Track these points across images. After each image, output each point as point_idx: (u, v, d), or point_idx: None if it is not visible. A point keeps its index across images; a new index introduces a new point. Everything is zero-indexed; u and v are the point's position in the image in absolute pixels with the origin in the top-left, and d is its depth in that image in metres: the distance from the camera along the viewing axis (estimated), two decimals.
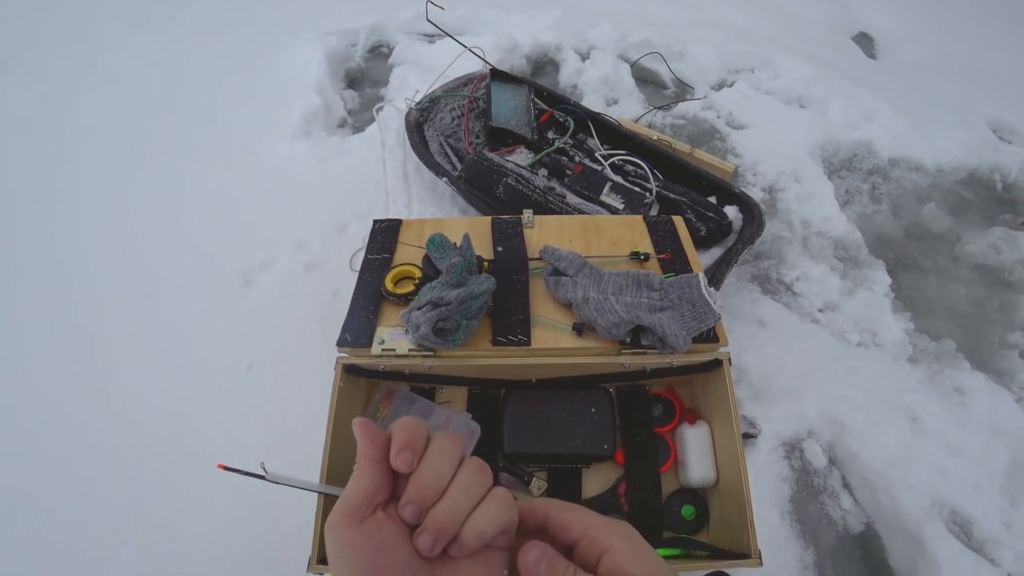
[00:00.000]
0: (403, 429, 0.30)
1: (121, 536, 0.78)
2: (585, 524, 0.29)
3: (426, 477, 0.29)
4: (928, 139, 1.32)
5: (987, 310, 1.11)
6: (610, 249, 0.68)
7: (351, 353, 0.64)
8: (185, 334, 0.97)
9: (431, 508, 0.29)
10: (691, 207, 0.96)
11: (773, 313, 0.99)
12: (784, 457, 0.87)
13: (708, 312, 0.57)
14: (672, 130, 1.32)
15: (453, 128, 1.15)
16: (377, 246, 0.73)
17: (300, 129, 1.31)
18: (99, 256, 1.07)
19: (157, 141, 1.29)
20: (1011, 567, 0.80)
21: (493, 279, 0.61)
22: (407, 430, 0.30)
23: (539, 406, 0.64)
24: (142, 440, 0.86)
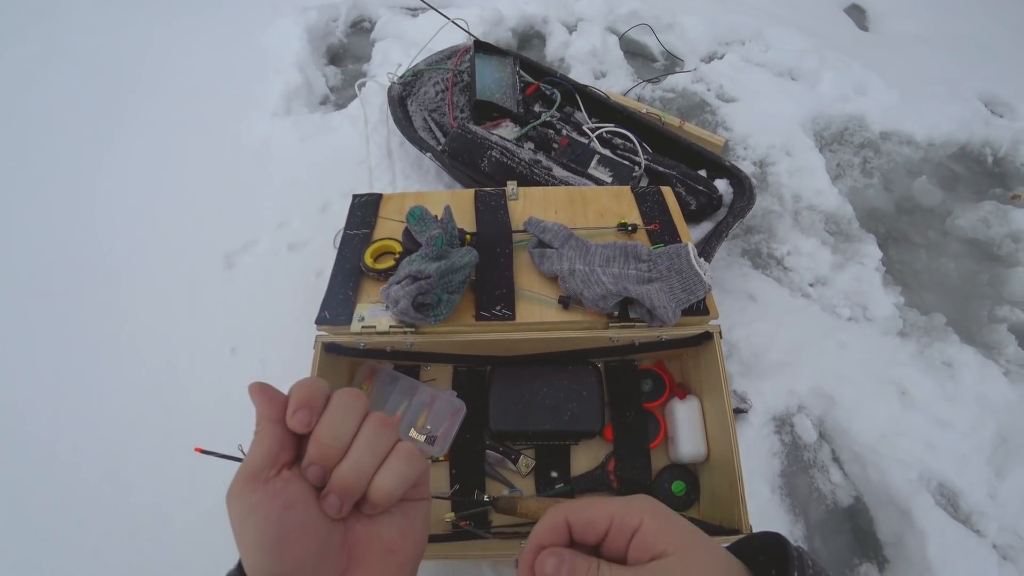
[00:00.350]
0: (299, 388, 0.29)
1: (108, 521, 0.77)
2: (609, 512, 0.27)
3: (325, 436, 0.28)
4: (920, 112, 1.31)
5: (976, 284, 1.11)
6: (597, 221, 0.66)
7: (330, 331, 0.62)
8: (168, 317, 0.95)
9: (335, 468, 0.28)
10: (681, 181, 0.94)
11: (764, 288, 0.97)
12: (775, 432, 0.87)
13: (698, 283, 0.55)
14: (661, 103, 1.29)
15: (437, 102, 1.12)
16: (357, 221, 0.70)
17: (281, 107, 1.27)
18: (77, 242, 1.05)
19: (133, 122, 1.25)
20: (995, 537, 0.80)
21: (475, 252, 0.58)
22: (303, 388, 0.29)
23: (526, 383, 0.62)
24: (125, 425, 0.84)
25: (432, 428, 0.62)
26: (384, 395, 0.65)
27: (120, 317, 0.95)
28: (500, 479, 0.64)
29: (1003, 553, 0.79)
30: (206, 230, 1.06)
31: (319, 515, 0.28)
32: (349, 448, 0.29)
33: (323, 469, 0.28)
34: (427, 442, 0.61)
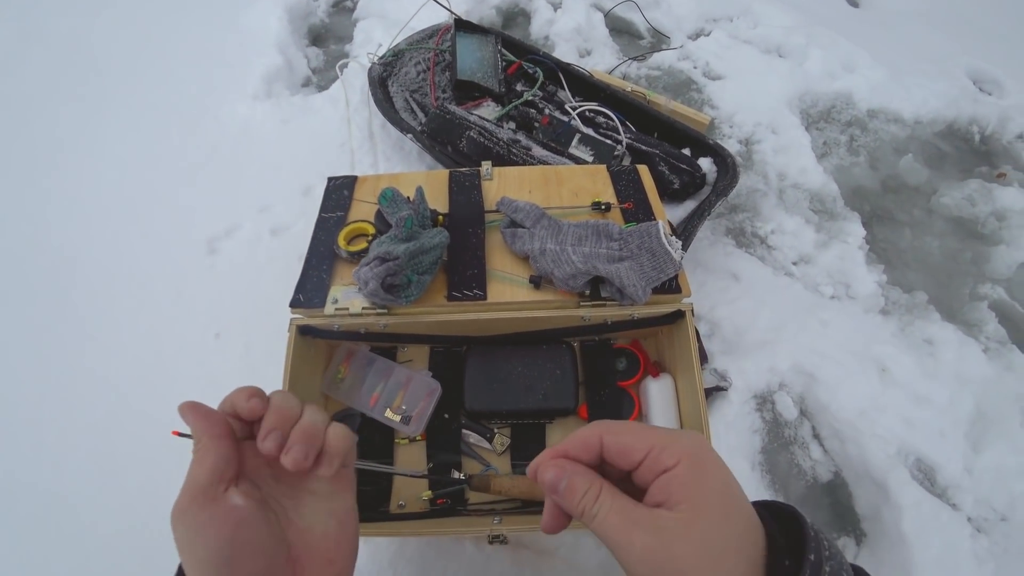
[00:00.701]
0: (238, 391, 0.32)
1: (98, 506, 0.78)
2: (649, 442, 0.26)
3: (281, 406, 0.30)
4: (908, 90, 1.29)
5: (959, 262, 1.11)
6: (571, 200, 0.65)
7: (305, 314, 0.61)
8: (151, 304, 0.95)
9: (293, 428, 0.30)
10: (664, 159, 0.93)
11: (747, 266, 0.97)
12: (756, 409, 0.87)
13: (668, 262, 0.55)
14: (647, 81, 1.28)
15: (419, 83, 1.10)
16: (331, 204, 0.70)
17: (261, 89, 1.25)
18: (57, 229, 1.04)
19: (111, 107, 1.23)
20: (970, 510, 0.82)
21: (446, 232, 0.58)
22: (242, 390, 0.32)
23: (501, 362, 0.63)
24: (112, 411, 0.85)
25: (408, 408, 0.62)
26: (361, 377, 0.65)
27: (104, 304, 0.95)
28: (476, 457, 0.64)
29: (977, 525, 0.81)
30: (187, 215, 1.05)
31: (268, 532, 0.29)
32: (300, 415, 0.31)
33: (282, 434, 0.29)
34: (403, 422, 0.62)
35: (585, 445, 0.27)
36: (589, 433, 0.27)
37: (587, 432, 0.27)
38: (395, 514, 0.62)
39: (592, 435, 0.27)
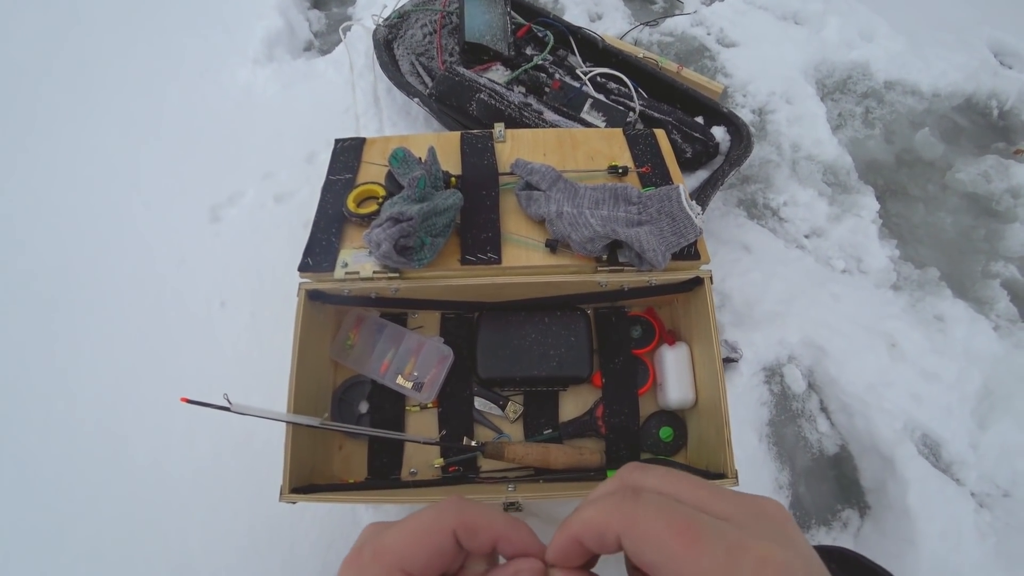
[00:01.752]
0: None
1: (106, 477, 0.79)
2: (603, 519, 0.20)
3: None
4: (927, 61, 1.26)
5: (972, 239, 1.10)
6: (587, 163, 0.63)
7: (314, 278, 0.60)
8: (155, 274, 0.94)
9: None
10: (677, 127, 0.91)
11: (758, 238, 0.96)
12: (764, 382, 0.87)
13: (689, 226, 0.53)
14: (659, 48, 1.24)
15: (425, 46, 1.06)
16: (339, 166, 0.68)
17: (262, 53, 1.22)
18: (57, 200, 1.03)
19: (108, 75, 1.20)
20: (974, 486, 0.82)
21: (460, 194, 0.56)
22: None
23: (514, 328, 0.62)
24: (118, 380, 0.85)
25: (419, 375, 0.61)
26: (371, 343, 0.64)
27: (106, 273, 0.94)
28: (488, 425, 0.64)
29: (980, 501, 0.81)
30: (190, 183, 1.04)
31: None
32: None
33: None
34: (414, 388, 0.61)
35: (566, 552, 0.23)
36: (604, 523, 0.21)
37: (602, 520, 0.21)
38: (407, 481, 0.61)
39: (607, 529, 0.21)
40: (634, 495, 0.21)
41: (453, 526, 0.23)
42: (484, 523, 0.23)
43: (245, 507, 0.77)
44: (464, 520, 0.23)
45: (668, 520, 0.19)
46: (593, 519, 0.21)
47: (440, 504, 0.24)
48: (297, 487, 0.55)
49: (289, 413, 0.56)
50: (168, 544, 0.75)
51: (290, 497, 0.54)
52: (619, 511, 0.20)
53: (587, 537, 0.21)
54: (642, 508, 0.20)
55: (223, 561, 0.74)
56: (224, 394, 0.50)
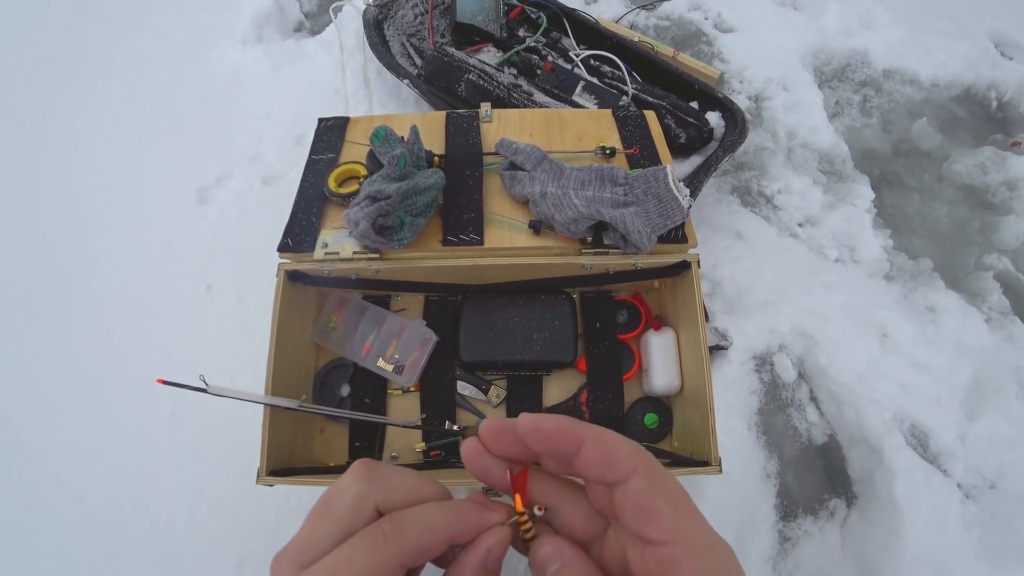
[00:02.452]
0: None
1: (91, 460, 0.78)
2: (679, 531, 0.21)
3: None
4: (926, 50, 1.24)
5: (967, 231, 1.09)
6: (574, 144, 0.62)
7: (294, 259, 0.59)
8: (141, 256, 0.93)
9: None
10: (671, 112, 0.89)
11: (751, 226, 0.95)
12: (754, 370, 0.86)
13: (676, 208, 0.52)
14: (655, 32, 1.22)
15: (416, 27, 1.04)
16: (322, 146, 0.67)
17: (251, 34, 1.20)
18: (43, 182, 1.01)
19: (94, 55, 1.18)
20: (961, 477, 0.82)
21: (442, 173, 0.55)
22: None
23: (497, 312, 0.61)
24: (103, 364, 0.84)
25: (401, 358, 0.61)
26: (353, 325, 0.63)
27: (92, 256, 0.93)
28: (471, 409, 0.63)
29: (966, 492, 0.81)
30: (176, 165, 1.03)
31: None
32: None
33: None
34: (395, 371, 0.60)
35: (570, 437, 0.22)
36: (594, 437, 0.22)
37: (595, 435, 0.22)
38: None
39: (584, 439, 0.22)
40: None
41: (400, 562, 0.21)
42: (430, 539, 0.22)
43: (230, 490, 0.76)
44: (408, 550, 0.21)
45: (682, 490, 0.21)
46: (615, 444, 0.22)
47: (373, 540, 0.21)
48: (275, 470, 0.54)
49: (267, 395, 0.55)
50: (154, 527, 0.75)
51: (267, 480, 0.53)
52: (642, 455, 0.22)
53: (595, 449, 0.22)
54: (664, 470, 0.22)
55: (208, 544, 0.74)
56: (200, 375, 0.49)
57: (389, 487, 0.23)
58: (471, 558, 0.22)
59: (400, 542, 0.21)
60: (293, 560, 0.21)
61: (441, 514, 0.22)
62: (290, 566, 0.21)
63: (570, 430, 0.22)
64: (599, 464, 0.21)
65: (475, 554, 0.22)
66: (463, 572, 0.22)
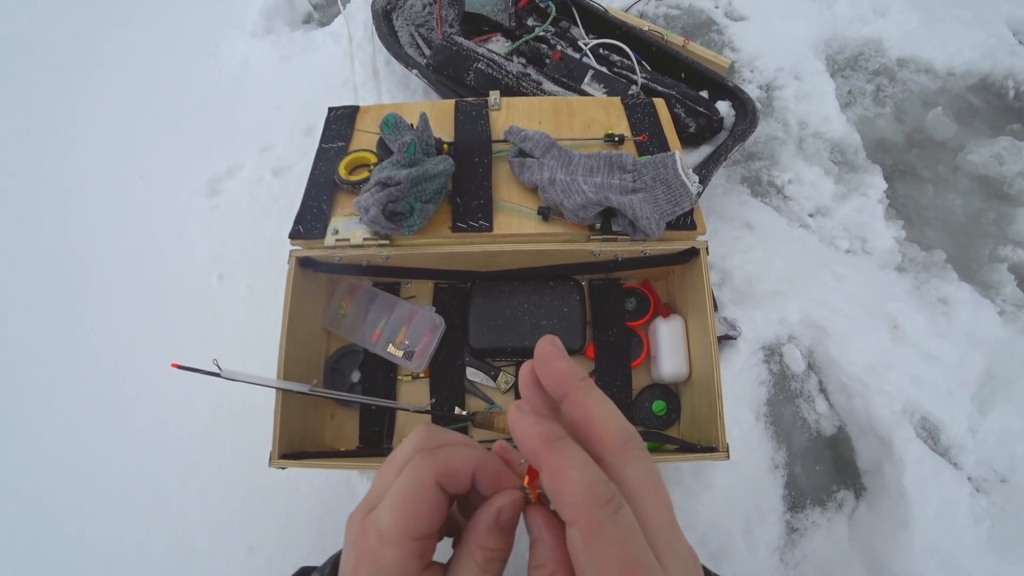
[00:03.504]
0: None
1: (105, 447, 0.80)
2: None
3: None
4: (942, 38, 1.22)
5: (981, 222, 1.07)
6: (583, 131, 0.62)
7: (304, 245, 0.60)
8: (152, 246, 0.94)
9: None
10: (680, 101, 0.88)
11: (762, 216, 0.94)
12: (763, 361, 0.86)
13: (684, 195, 0.52)
14: (665, 21, 1.21)
15: (425, 17, 1.04)
16: (332, 134, 0.67)
17: (260, 25, 1.21)
18: (52, 173, 1.03)
19: (105, 47, 1.19)
20: (971, 470, 0.81)
21: (451, 160, 0.55)
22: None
23: (506, 299, 0.61)
24: (118, 355, 0.86)
25: (411, 344, 0.61)
26: (363, 312, 0.64)
27: (104, 247, 0.94)
28: (480, 395, 0.64)
29: (977, 485, 0.80)
30: (187, 156, 1.04)
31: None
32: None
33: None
34: (405, 357, 0.61)
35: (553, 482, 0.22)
36: (570, 493, 0.21)
37: (573, 489, 0.21)
38: None
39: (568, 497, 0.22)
40: (614, 508, 0.21)
41: (435, 478, 0.23)
42: (459, 464, 0.24)
43: (242, 476, 0.77)
44: (441, 469, 0.23)
45: (623, 553, 0.20)
46: (567, 485, 0.21)
47: (412, 463, 0.24)
48: (287, 453, 0.55)
49: (278, 379, 0.56)
50: (167, 512, 0.76)
51: (279, 463, 0.54)
52: (590, 511, 0.20)
53: (547, 481, 0.22)
54: (613, 529, 0.20)
55: (220, 529, 0.75)
56: (214, 360, 0.50)
57: (443, 440, 0.25)
58: (484, 515, 0.24)
59: (432, 461, 0.24)
60: (362, 509, 0.24)
61: (468, 450, 0.25)
62: (360, 515, 0.24)
63: (533, 449, 0.22)
64: (549, 494, 0.22)
65: (487, 511, 0.24)
66: (477, 526, 0.24)
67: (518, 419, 0.23)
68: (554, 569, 0.22)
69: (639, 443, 0.24)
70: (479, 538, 0.23)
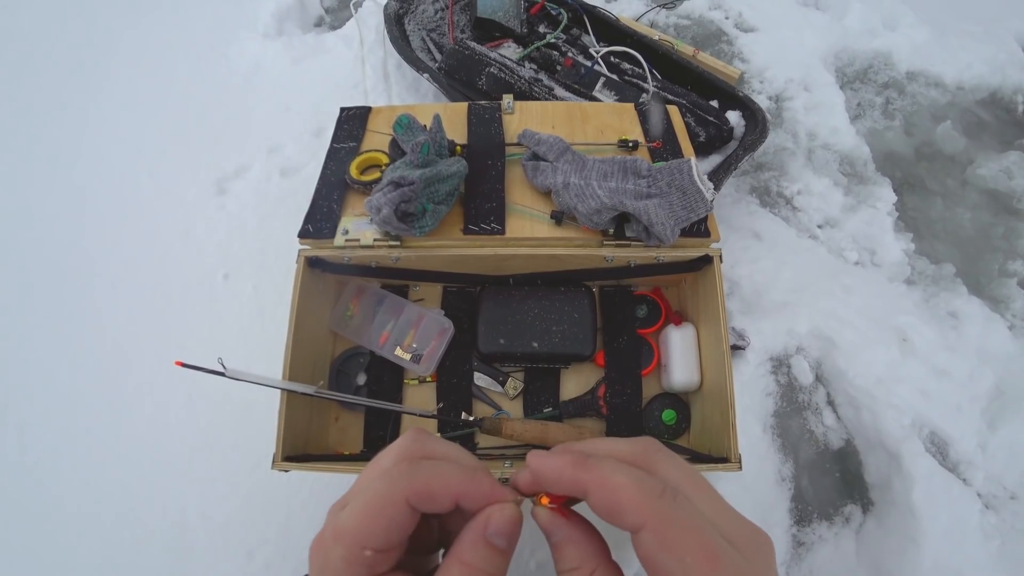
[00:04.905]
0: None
1: (106, 445, 0.79)
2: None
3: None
4: (951, 52, 1.22)
5: (991, 237, 1.07)
6: (596, 137, 0.62)
7: (314, 245, 0.59)
8: (159, 244, 0.94)
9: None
10: (691, 110, 0.88)
11: (770, 227, 0.94)
12: (771, 372, 0.85)
13: (700, 201, 0.52)
14: (675, 31, 1.21)
15: (436, 21, 1.05)
16: (344, 134, 0.67)
17: (272, 28, 1.21)
18: (62, 170, 1.03)
19: (116, 45, 1.20)
20: (980, 487, 0.80)
21: (464, 162, 0.55)
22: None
23: (516, 303, 0.60)
24: (120, 352, 0.85)
25: (418, 347, 0.60)
26: (371, 314, 0.63)
27: (111, 244, 0.94)
28: (487, 401, 0.63)
29: (986, 502, 0.79)
30: (196, 156, 1.04)
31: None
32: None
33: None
34: (413, 360, 0.60)
35: (609, 510, 0.21)
36: (631, 504, 0.20)
37: (630, 499, 0.20)
38: None
39: (631, 510, 0.20)
40: (672, 496, 0.20)
41: (404, 496, 0.21)
42: (438, 485, 0.22)
43: (243, 477, 0.77)
44: (416, 488, 0.22)
45: (700, 539, 0.19)
46: (620, 492, 0.20)
47: (389, 473, 0.22)
48: (290, 456, 0.54)
49: (284, 380, 0.56)
50: (166, 512, 0.75)
51: (282, 465, 0.53)
52: (652, 505, 0.20)
53: (599, 499, 0.21)
54: (679, 515, 0.20)
55: (220, 530, 0.74)
56: (218, 358, 0.49)
57: (431, 449, 0.24)
58: (469, 527, 0.22)
59: (409, 480, 0.22)
60: (339, 503, 0.23)
61: (455, 470, 0.23)
62: (336, 508, 0.23)
63: (572, 477, 0.21)
64: (606, 513, 0.21)
65: (475, 524, 0.22)
66: (461, 539, 0.22)
67: (540, 461, 0.22)
68: (594, 566, 0.21)
69: (656, 448, 0.23)
70: (460, 551, 0.22)
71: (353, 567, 0.21)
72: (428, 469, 0.22)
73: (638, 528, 0.20)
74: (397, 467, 0.22)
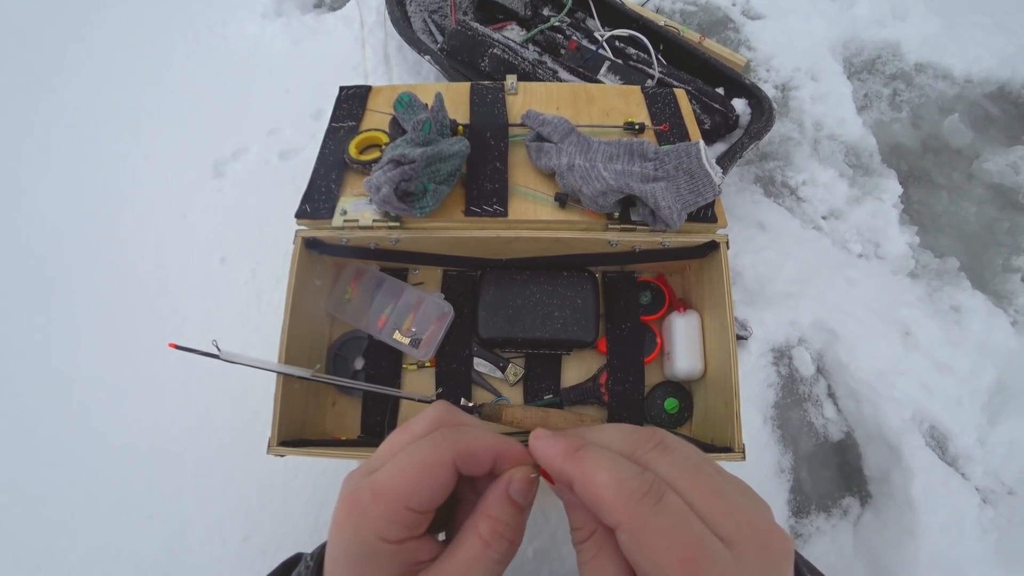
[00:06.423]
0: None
1: (102, 429, 0.78)
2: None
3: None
4: (961, 44, 1.21)
5: (996, 231, 1.06)
6: (602, 119, 0.60)
7: (311, 225, 0.58)
8: (156, 227, 0.93)
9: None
10: (696, 97, 0.87)
11: (774, 217, 0.93)
12: (772, 363, 0.85)
13: (708, 185, 0.51)
14: (681, 16, 1.19)
15: (438, 3, 1.03)
16: (343, 113, 0.65)
17: (271, 8, 1.20)
18: (56, 151, 1.01)
19: (111, 24, 1.18)
20: (979, 481, 0.80)
21: (466, 142, 0.53)
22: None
23: (518, 288, 0.59)
24: (116, 336, 0.84)
25: (417, 331, 0.59)
26: (369, 297, 0.62)
27: (106, 226, 0.93)
28: (487, 387, 0.62)
29: (984, 496, 0.79)
30: (193, 138, 1.03)
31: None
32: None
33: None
34: (412, 345, 0.59)
35: (592, 502, 0.22)
36: (608, 502, 0.21)
37: (611, 498, 0.21)
38: None
39: (608, 509, 0.21)
40: (655, 497, 0.20)
41: (452, 457, 0.23)
42: (480, 447, 0.24)
43: (239, 464, 0.76)
44: (461, 449, 0.23)
45: (677, 542, 0.19)
46: (599, 491, 0.21)
47: (433, 436, 0.24)
48: (286, 440, 0.53)
49: (280, 363, 0.54)
50: (162, 499, 0.75)
51: (278, 450, 0.52)
52: (628, 508, 0.20)
53: (581, 493, 0.22)
54: (656, 519, 0.20)
55: (216, 517, 0.73)
56: (213, 340, 0.48)
57: (463, 418, 0.26)
58: (495, 485, 0.24)
59: (454, 441, 0.24)
60: (364, 469, 0.24)
61: (491, 435, 0.25)
62: (360, 474, 0.24)
63: (559, 468, 0.23)
64: (589, 507, 0.22)
65: (499, 483, 0.24)
66: (487, 497, 0.24)
67: (538, 444, 0.24)
68: (595, 528, 0.22)
69: (658, 439, 0.23)
70: (487, 507, 0.24)
71: (393, 526, 0.22)
72: (471, 432, 0.24)
73: (615, 527, 0.21)
74: (440, 432, 0.24)
